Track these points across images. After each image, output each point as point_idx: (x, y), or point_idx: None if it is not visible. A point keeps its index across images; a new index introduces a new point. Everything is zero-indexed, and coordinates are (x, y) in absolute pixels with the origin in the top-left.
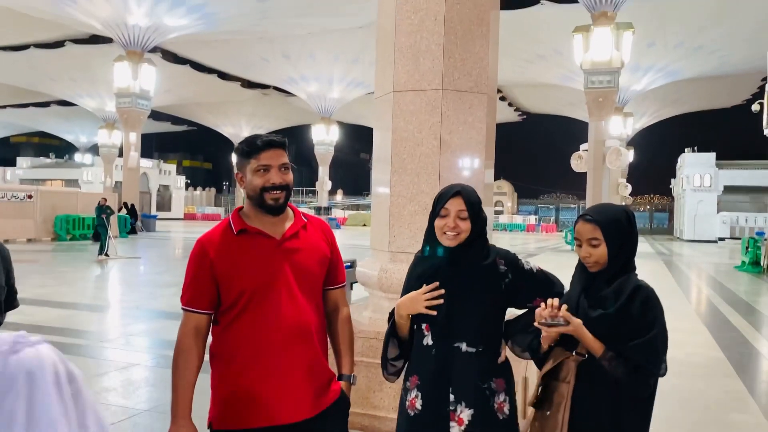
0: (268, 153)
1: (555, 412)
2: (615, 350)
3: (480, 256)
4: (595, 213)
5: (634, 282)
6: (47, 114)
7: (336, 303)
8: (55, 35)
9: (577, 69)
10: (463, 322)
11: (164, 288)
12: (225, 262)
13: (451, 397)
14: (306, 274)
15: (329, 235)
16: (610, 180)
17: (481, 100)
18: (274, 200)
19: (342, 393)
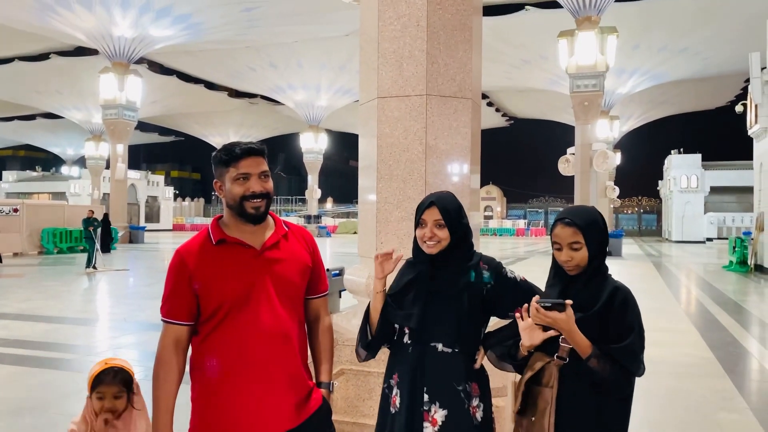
0: (248, 161)
1: (540, 418)
2: (601, 350)
3: (462, 260)
4: (573, 216)
5: (611, 284)
6: (33, 127)
7: (317, 312)
8: (39, 47)
9: (563, 73)
10: (440, 322)
11: (152, 300)
12: (203, 273)
13: (425, 397)
14: (286, 284)
15: (311, 243)
16: (597, 183)
17: (465, 105)
18: (255, 209)
19: (324, 401)
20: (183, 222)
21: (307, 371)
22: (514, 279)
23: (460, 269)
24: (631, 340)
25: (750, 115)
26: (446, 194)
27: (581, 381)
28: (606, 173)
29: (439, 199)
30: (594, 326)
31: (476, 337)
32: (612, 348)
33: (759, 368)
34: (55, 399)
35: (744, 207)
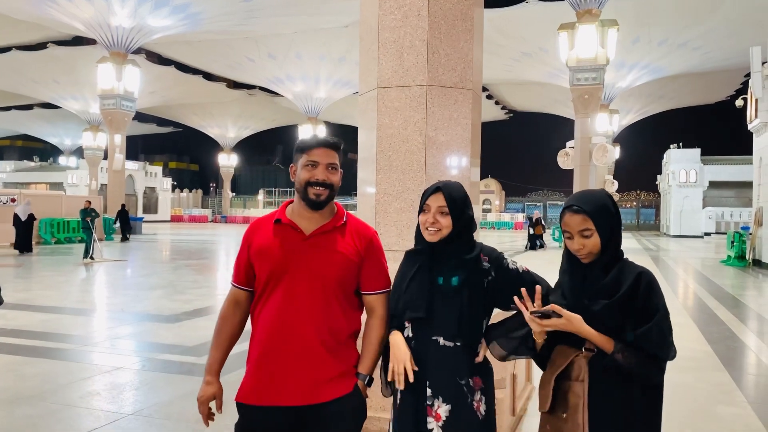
0: (319, 151)
1: (573, 414)
2: (623, 341)
3: (463, 251)
4: (581, 202)
5: (633, 268)
6: (30, 117)
7: (371, 307)
8: (37, 37)
9: (563, 66)
10: (441, 316)
11: (150, 290)
12: (256, 245)
13: (428, 392)
14: (323, 271)
15: (365, 241)
16: (596, 177)
17: (466, 96)
18: (316, 195)
19: (354, 389)
20: (181, 213)
21: (344, 358)
22: (516, 270)
23: (461, 261)
24: (655, 323)
25: (750, 109)
26: (454, 182)
27: (610, 372)
28: (605, 167)
29: (445, 185)
30: (618, 312)
31: (478, 330)
32: (637, 334)
33: (757, 362)
34: (52, 389)
35: (743, 202)
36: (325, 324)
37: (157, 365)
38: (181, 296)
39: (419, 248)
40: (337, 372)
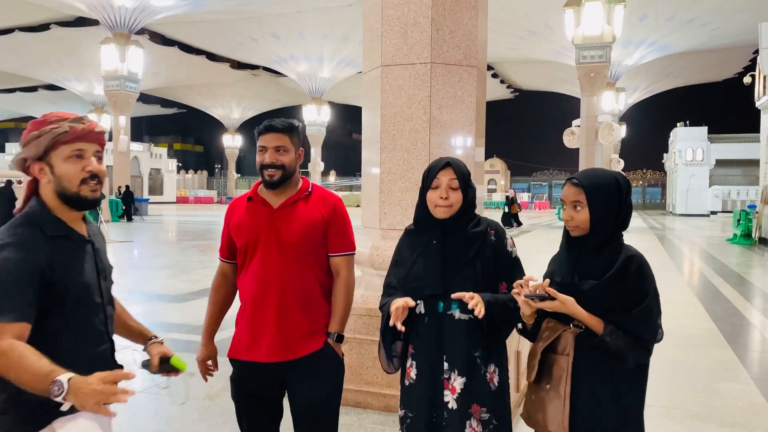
0: (267, 136)
1: (556, 385)
2: (612, 323)
3: (471, 225)
4: (582, 177)
5: (625, 251)
6: (35, 99)
7: (336, 269)
8: (39, 18)
9: (569, 44)
10: (456, 289)
11: (157, 271)
12: (233, 221)
13: (445, 365)
14: (290, 239)
15: (329, 208)
16: (602, 155)
17: (470, 73)
18: (269, 176)
19: (325, 345)
20: (187, 194)
21: (315, 318)
22: (510, 253)
23: (470, 235)
24: (644, 306)
25: (758, 86)
26: (457, 159)
27: (596, 349)
28: (611, 146)
29: (454, 161)
30: (607, 294)
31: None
32: (626, 316)
33: (761, 339)
34: None
35: (749, 180)
36: (296, 287)
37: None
38: (188, 276)
39: (426, 225)
40: (308, 330)
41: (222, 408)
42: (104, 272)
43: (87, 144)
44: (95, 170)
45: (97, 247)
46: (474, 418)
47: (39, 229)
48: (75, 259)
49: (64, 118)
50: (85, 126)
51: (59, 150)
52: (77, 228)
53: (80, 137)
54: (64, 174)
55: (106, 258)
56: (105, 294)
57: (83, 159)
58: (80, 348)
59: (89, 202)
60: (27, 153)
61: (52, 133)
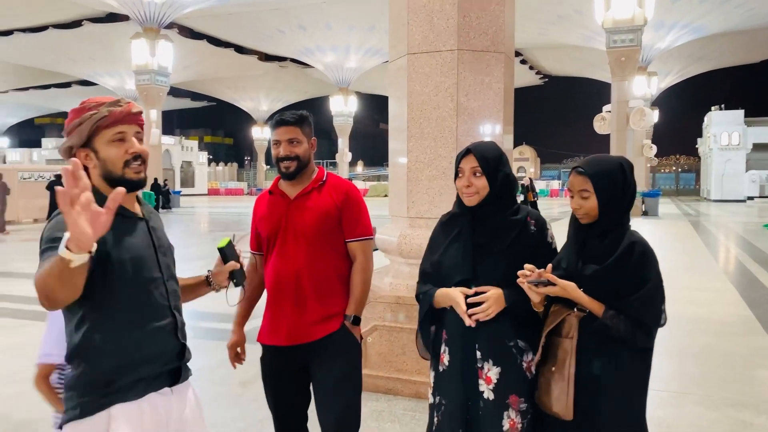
0: (279, 130)
1: (560, 368)
2: (614, 308)
3: (505, 212)
4: (587, 165)
5: (628, 237)
6: (69, 94)
7: (353, 253)
8: (72, 15)
9: (599, 28)
10: (486, 278)
11: (190, 261)
12: (257, 214)
13: (477, 354)
14: (306, 227)
15: (341, 195)
16: (634, 141)
17: (498, 59)
18: (286, 168)
19: (341, 327)
20: (217, 186)
21: (331, 302)
22: (551, 246)
23: (506, 222)
24: (646, 291)
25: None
26: (486, 142)
27: (600, 332)
28: (643, 131)
29: (476, 147)
30: (609, 279)
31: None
32: (627, 301)
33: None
34: None
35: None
36: (311, 275)
37: (200, 332)
38: None
39: (457, 212)
40: (325, 315)
41: (254, 394)
42: (162, 248)
43: (127, 126)
44: (138, 151)
45: (153, 225)
46: (513, 408)
47: None
48: (128, 234)
49: (102, 102)
50: (123, 108)
51: (101, 135)
52: (130, 207)
53: (120, 120)
54: (109, 158)
55: (164, 237)
56: (165, 270)
57: (125, 141)
58: (144, 320)
59: (134, 183)
60: (71, 141)
61: (92, 119)
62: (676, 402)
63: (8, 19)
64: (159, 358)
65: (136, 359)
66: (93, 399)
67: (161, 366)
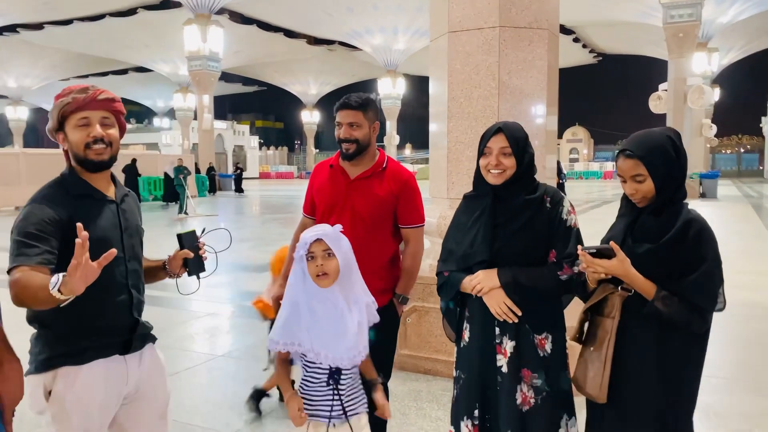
0: (342, 113)
1: (599, 347)
2: (667, 289)
3: (526, 191)
4: (635, 146)
5: (684, 215)
6: (125, 81)
7: (406, 239)
8: (128, 3)
9: (655, 3)
10: (508, 254)
11: (241, 243)
12: (315, 184)
13: (496, 330)
14: (365, 210)
15: (399, 183)
16: (692, 121)
17: (541, 36)
18: (346, 149)
19: (389, 303)
20: (268, 170)
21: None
22: (566, 223)
23: (524, 201)
24: (702, 272)
25: None
26: (513, 122)
27: (644, 314)
28: (702, 110)
29: (506, 125)
30: (663, 258)
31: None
32: (683, 282)
33: None
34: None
35: None
36: (363, 252)
37: (246, 311)
38: (269, 248)
39: (480, 192)
40: (375, 289)
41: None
42: (129, 230)
43: (91, 112)
44: (98, 135)
45: (123, 208)
46: (525, 383)
47: (64, 189)
48: (96, 214)
49: (72, 90)
50: (88, 95)
51: (69, 120)
52: (102, 189)
53: (83, 106)
54: (73, 141)
55: (133, 217)
56: (128, 250)
57: (89, 126)
58: (100, 294)
59: (97, 164)
60: (49, 125)
61: (59, 105)
62: (725, 388)
63: (68, 8)
64: (111, 330)
65: (88, 328)
66: (45, 359)
67: (112, 337)
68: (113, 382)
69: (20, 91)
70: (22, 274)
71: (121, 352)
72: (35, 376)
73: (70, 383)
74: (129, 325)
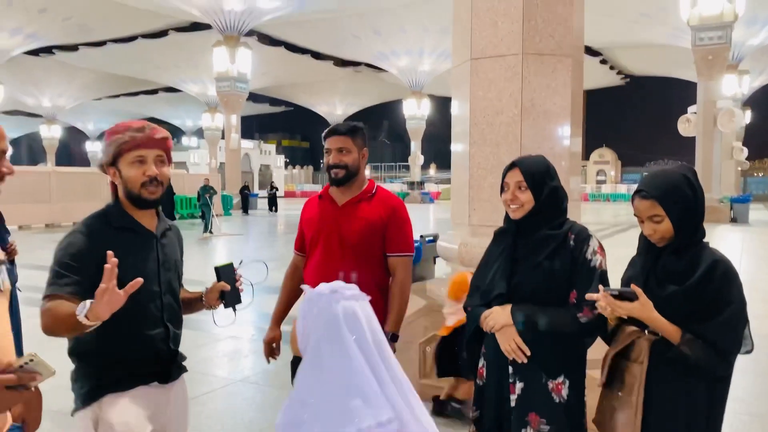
0: (330, 139)
1: (628, 393)
2: (691, 331)
3: (549, 225)
4: (650, 187)
5: (709, 255)
6: (155, 101)
7: (393, 269)
8: (158, 25)
9: (684, 26)
10: (526, 290)
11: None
12: (306, 217)
13: (510, 369)
14: (352, 234)
15: (389, 210)
16: (722, 144)
17: (565, 63)
18: (335, 174)
19: None
20: (294, 189)
21: None
22: (590, 263)
23: (547, 237)
24: (728, 315)
25: None
26: (532, 156)
27: (672, 358)
28: (732, 133)
29: (522, 160)
30: (688, 300)
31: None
32: (706, 325)
33: None
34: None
35: None
36: (349, 280)
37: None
38: None
39: (505, 227)
40: None
41: None
42: (166, 264)
43: (147, 150)
44: (153, 174)
45: (163, 242)
46: (531, 427)
47: (106, 221)
48: (136, 249)
49: (129, 127)
50: (145, 134)
51: (124, 157)
52: (146, 223)
53: (141, 145)
54: (128, 178)
55: (173, 252)
56: (164, 284)
57: (144, 164)
58: (135, 328)
59: (149, 202)
60: (102, 160)
61: (116, 143)
62: (758, 426)
63: (102, 31)
64: (148, 361)
65: (126, 360)
66: (87, 391)
67: (151, 367)
68: (155, 408)
69: (54, 111)
70: (52, 304)
71: (161, 380)
72: (82, 410)
73: (116, 410)
74: (167, 357)
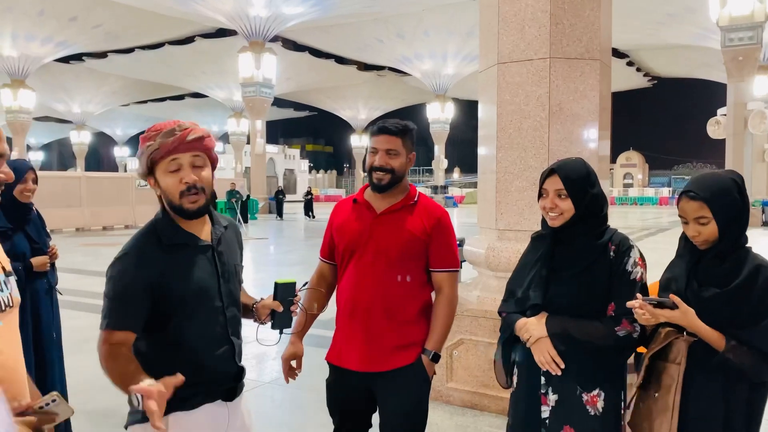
0: (380, 137)
1: (664, 395)
2: (735, 337)
3: (589, 235)
4: (699, 188)
5: (753, 260)
6: (182, 106)
7: (439, 285)
8: (185, 32)
9: (713, 26)
10: (562, 301)
11: (290, 266)
12: (336, 222)
13: (541, 380)
14: (391, 247)
15: (433, 220)
16: (753, 146)
17: (592, 66)
18: (378, 179)
19: (417, 361)
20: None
21: (408, 331)
22: (629, 275)
23: (586, 246)
24: None
25: None
26: (572, 161)
27: (710, 360)
28: (764, 135)
29: (561, 166)
30: (729, 304)
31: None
32: (750, 331)
33: None
34: None
35: None
36: (388, 298)
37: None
38: None
39: (543, 233)
40: (399, 344)
41: None
42: (226, 274)
43: (181, 154)
44: (191, 182)
45: (220, 250)
46: None
47: (156, 238)
48: (191, 266)
49: (159, 131)
50: (176, 137)
51: (159, 165)
52: (198, 233)
53: (172, 150)
54: (166, 188)
55: (231, 257)
56: (225, 297)
57: (180, 171)
58: (200, 350)
59: (191, 213)
60: (138, 171)
61: (147, 151)
62: None
63: (130, 38)
64: (215, 381)
65: (193, 381)
66: None
67: (217, 386)
68: (219, 427)
69: (84, 116)
70: (109, 348)
71: (225, 398)
72: (139, 425)
73: (182, 429)
74: (234, 374)
